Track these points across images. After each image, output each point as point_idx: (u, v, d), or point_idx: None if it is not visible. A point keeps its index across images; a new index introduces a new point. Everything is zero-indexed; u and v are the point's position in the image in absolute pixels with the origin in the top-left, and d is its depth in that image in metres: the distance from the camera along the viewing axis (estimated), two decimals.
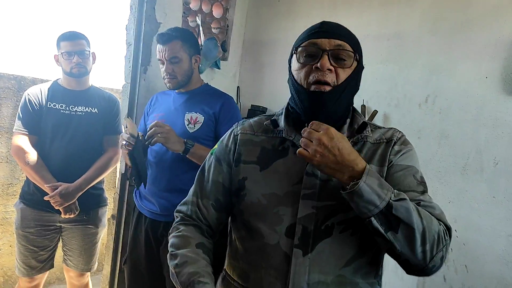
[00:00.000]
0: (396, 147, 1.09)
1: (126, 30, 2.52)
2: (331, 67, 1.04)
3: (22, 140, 2.26)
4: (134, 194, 2.19)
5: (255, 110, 2.89)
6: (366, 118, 2.42)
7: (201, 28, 2.77)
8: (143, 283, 2.08)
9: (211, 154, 1.22)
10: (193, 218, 1.17)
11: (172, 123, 1.95)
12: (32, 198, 2.31)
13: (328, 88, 1.04)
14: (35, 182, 2.27)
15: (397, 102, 2.32)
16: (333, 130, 0.95)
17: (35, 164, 2.23)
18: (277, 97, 2.92)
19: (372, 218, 0.92)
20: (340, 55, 1.05)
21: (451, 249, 2.04)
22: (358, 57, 1.08)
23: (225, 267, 1.21)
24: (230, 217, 1.21)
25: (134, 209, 2.18)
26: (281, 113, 1.16)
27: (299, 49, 1.08)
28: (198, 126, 1.97)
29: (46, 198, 2.22)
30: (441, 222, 0.99)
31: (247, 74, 3.17)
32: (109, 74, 3.74)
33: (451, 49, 2.08)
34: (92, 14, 5.15)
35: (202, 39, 2.74)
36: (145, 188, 1.97)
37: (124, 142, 1.85)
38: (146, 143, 1.83)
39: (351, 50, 1.06)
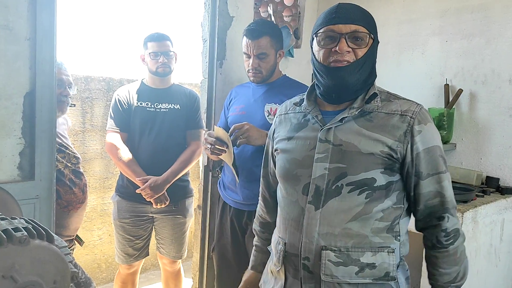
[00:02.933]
0: (417, 127, 1.18)
1: (201, 27, 2.61)
2: (349, 49, 1.17)
3: (115, 138, 2.45)
4: (218, 185, 2.27)
5: None
6: (451, 98, 2.30)
7: (273, 18, 2.78)
8: (231, 270, 2.17)
9: None
10: (263, 192, 1.49)
11: (252, 114, 2.00)
12: (126, 191, 2.50)
13: (346, 63, 1.17)
14: (127, 176, 2.44)
15: (484, 78, 2.18)
16: None
17: (127, 159, 2.40)
18: None
19: None
20: (356, 38, 1.18)
21: None
22: (373, 36, 1.20)
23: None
24: None
25: (219, 199, 2.27)
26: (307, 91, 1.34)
27: (319, 34, 1.21)
28: None
29: (138, 191, 2.38)
30: (451, 213, 1.20)
31: None
32: (189, 70, 3.89)
33: None
34: (170, 13, 5.38)
35: None
36: (238, 180, 2.01)
37: (208, 146, 1.90)
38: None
39: (366, 31, 1.18)
